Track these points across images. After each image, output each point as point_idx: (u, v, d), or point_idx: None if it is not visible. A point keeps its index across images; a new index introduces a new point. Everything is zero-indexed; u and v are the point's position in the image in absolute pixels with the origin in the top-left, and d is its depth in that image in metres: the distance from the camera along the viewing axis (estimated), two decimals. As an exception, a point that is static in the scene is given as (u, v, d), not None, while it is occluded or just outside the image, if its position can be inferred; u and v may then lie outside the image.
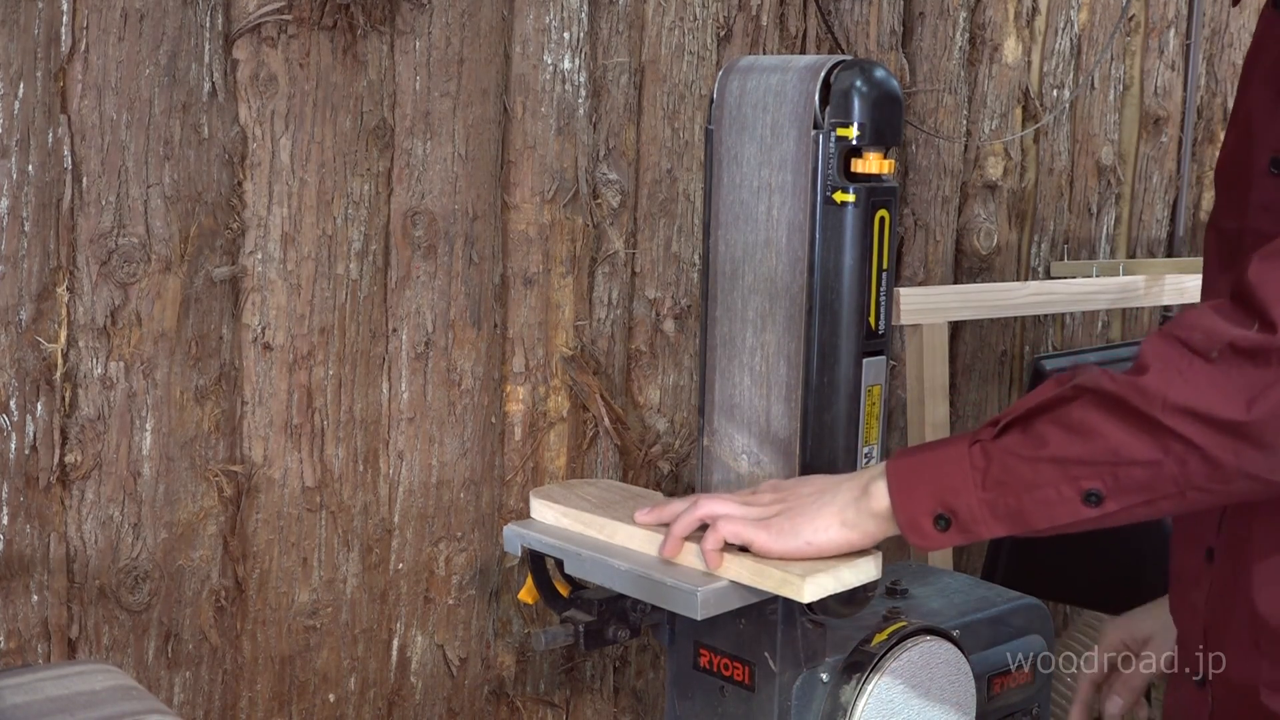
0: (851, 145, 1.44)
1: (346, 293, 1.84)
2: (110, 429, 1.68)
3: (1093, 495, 1.11)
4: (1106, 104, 2.82)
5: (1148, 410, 1.09)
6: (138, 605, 1.72)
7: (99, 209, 1.64)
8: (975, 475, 1.16)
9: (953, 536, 1.18)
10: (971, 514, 1.16)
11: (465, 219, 1.92)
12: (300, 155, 1.78)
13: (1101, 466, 1.11)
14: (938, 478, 1.18)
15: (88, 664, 1.30)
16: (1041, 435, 1.14)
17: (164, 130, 1.67)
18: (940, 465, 1.18)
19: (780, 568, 1.31)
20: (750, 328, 1.55)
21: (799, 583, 1.29)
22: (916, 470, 1.20)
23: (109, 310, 1.66)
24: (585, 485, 1.60)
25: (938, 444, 1.21)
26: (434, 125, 1.88)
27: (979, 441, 1.17)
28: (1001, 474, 1.15)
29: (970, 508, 1.16)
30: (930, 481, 1.18)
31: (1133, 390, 1.10)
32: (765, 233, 1.52)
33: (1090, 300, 2.57)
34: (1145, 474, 1.10)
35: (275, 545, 1.82)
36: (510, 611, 2.05)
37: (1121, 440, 1.10)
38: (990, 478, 1.15)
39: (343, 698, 1.91)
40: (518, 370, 2.01)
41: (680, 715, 1.55)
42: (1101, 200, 2.85)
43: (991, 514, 1.15)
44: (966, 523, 1.17)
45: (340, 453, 1.86)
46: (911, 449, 1.23)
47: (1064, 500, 1.13)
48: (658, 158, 2.11)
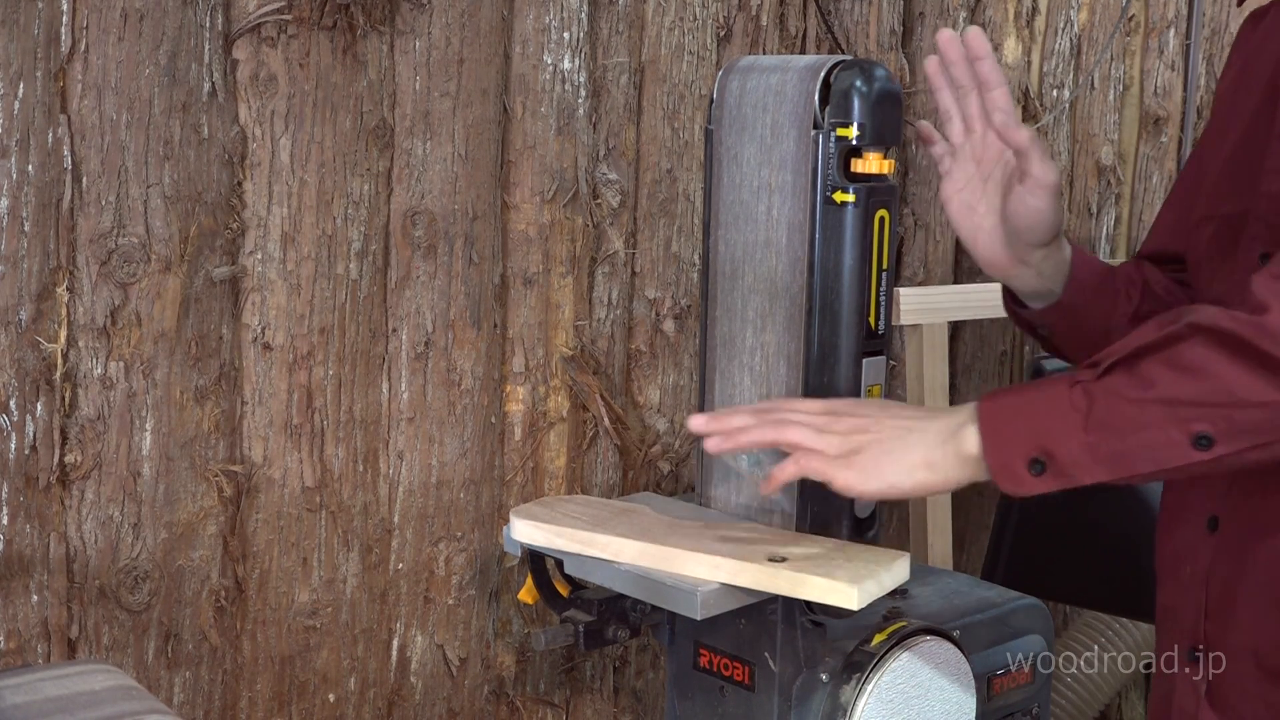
0: (851, 145, 1.44)
1: (346, 293, 1.84)
2: (110, 429, 1.68)
3: (1203, 439, 1.07)
4: (1106, 104, 2.82)
5: (1270, 350, 1.05)
6: (138, 605, 1.72)
7: (99, 209, 1.64)
8: (1076, 417, 1.10)
9: (1048, 482, 1.12)
10: (1072, 458, 1.11)
11: (465, 219, 1.92)
12: (300, 155, 1.78)
13: (1214, 408, 1.06)
14: (1034, 420, 1.12)
15: (88, 664, 1.30)
16: (1149, 376, 1.09)
17: (164, 130, 1.67)
18: (1037, 407, 1.12)
19: (825, 574, 1.29)
20: (750, 328, 1.55)
21: (850, 590, 1.28)
22: (1011, 412, 1.14)
23: (109, 310, 1.66)
24: (566, 503, 1.59)
25: (1032, 385, 1.15)
26: (434, 125, 1.88)
27: (1079, 383, 1.11)
28: (1105, 416, 1.09)
29: (1070, 451, 1.10)
30: (1026, 424, 1.12)
31: (1254, 329, 1.05)
32: (765, 233, 1.52)
33: (1090, 300, 2.57)
34: (1262, 416, 1.06)
35: (275, 545, 1.82)
36: (510, 611, 2.05)
37: (1238, 380, 1.05)
38: (1093, 420, 1.10)
39: (343, 698, 1.91)
40: (517, 370, 2.01)
41: (680, 715, 1.55)
42: (1101, 200, 2.85)
43: (1093, 458, 1.10)
44: (1065, 467, 1.11)
45: (340, 453, 1.86)
46: (1004, 390, 1.16)
47: (1172, 443, 1.08)
48: (658, 158, 2.10)
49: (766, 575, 1.32)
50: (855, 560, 1.34)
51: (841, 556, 1.36)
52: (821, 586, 1.28)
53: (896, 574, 1.34)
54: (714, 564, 1.35)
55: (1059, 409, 1.11)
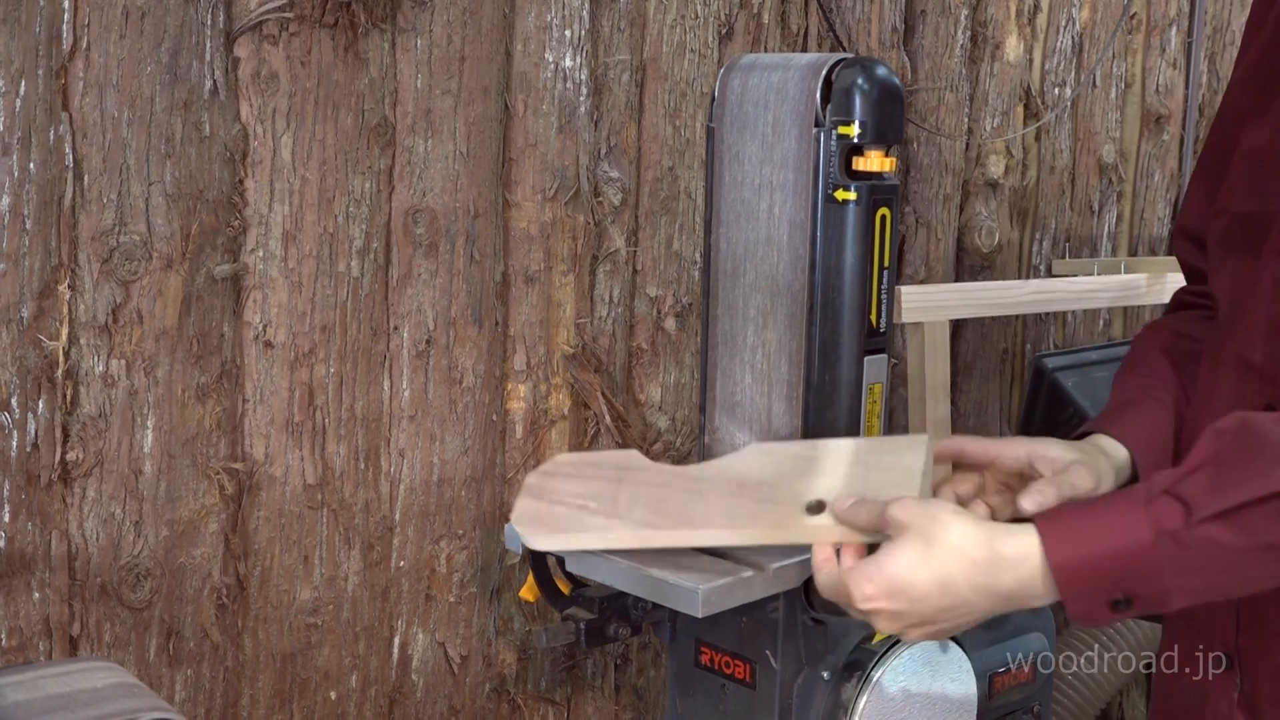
0: (853, 143, 1.44)
1: (348, 290, 1.84)
2: (111, 426, 1.68)
3: None
4: (1108, 102, 2.82)
5: None
6: (139, 603, 1.72)
7: (100, 206, 1.64)
8: (1168, 563, 1.10)
9: (1130, 613, 1.13)
10: (1160, 597, 1.11)
11: (466, 217, 1.92)
12: (301, 153, 1.78)
13: None
14: (1119, 570, 1.11)
15: (89, 661, 1.30)
16: (1252, 526, 1.08)
17: (165, 128, 1.67)
18: (1120, 559, 1.11)
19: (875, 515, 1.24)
20: (751, 325, 1.55)
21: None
22: (1091, 566, 1.12)
23: (110, 308, 1.66)
24: (558, 481, 1.47)
25: (1106, 525, 1.12)
26: (435, 123, 1.88)
27: (1167, 532, 1.09)
28: (1201, 564, 1.09)
29: (1161, 593, 1.11)
30: (1110, 575, 1.11)
31: None
32: (766, 230, 1.52)
33: (1092, 298, 2.57)
34: None
35: (276, 543, 1.83)
36: (511, 609, 2.05)
37: None
38: (1188, 566, 1.09)
39: (344, 695, 1.91)
40: (519, 368, 2.01)
41: (681, 713, 1.55)
42: (1103, 198, 2.85)
43: (1182, 594, 1.11)
44: (1152, 603, 1.12)
45: (341, 450, 1.86)
46: (1073, 531, 1.13)
47: (1271, 577, 1.10)
48: (659, 155, 2.11)
49: (810, 531, 1.25)
50: (886, 469, 1.29)
51: (869, 466, 1.30)
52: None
53: (925, 459, 1.30)
54: (748, 533, 1.29)
55: (1146, 558, 1.10)
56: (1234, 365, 1.29)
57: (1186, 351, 1.44)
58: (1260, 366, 1.26)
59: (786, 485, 1.31)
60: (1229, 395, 1.29)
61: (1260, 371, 1.26)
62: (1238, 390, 1.28)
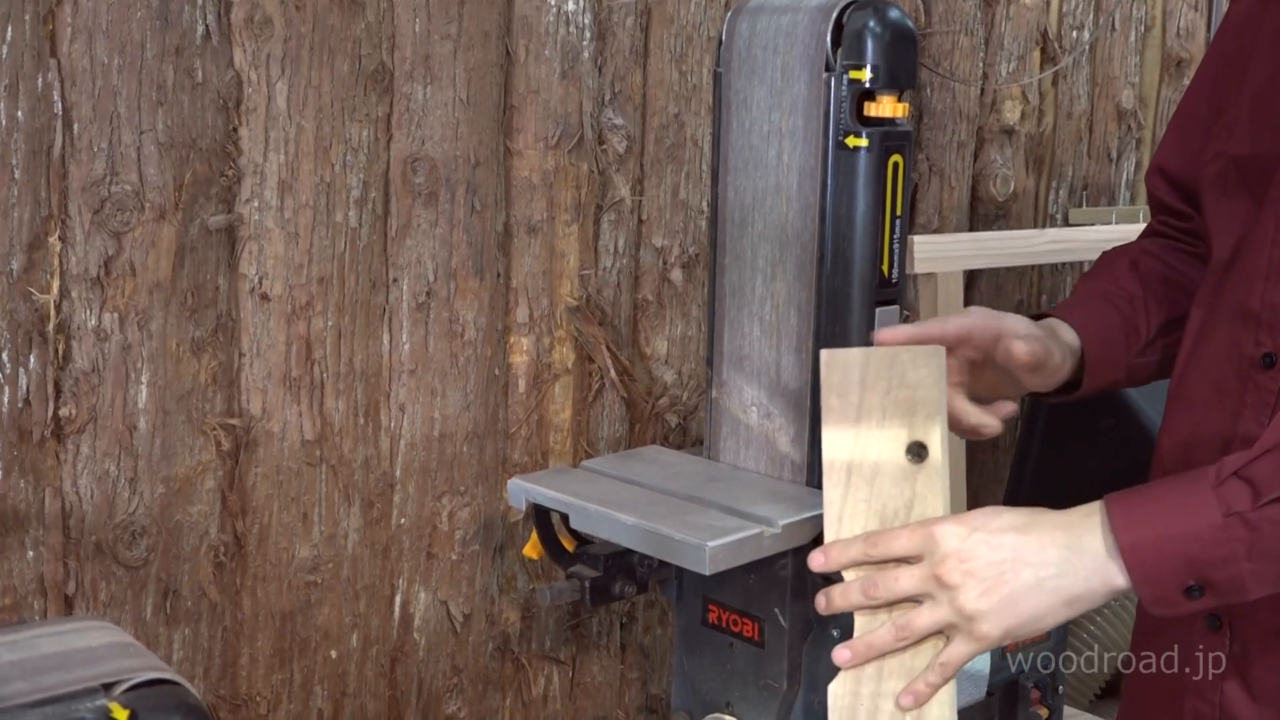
0: (864, 88, 1.43)
1: (345, 241, 1.83)
2: (105, 382, 1.68)
3: None
4: (1127, 46, 2.80)
5: None
6: (135, 561, 1.73)
7: (91, 156, 1.63)
8: (1238, 547, 1.11)
9: (1206, 603, 1.13)
10: (1235, 584, 1.12)
11: (467, 165, 1.91)
12: (297, 100, 1.77)
13: None
14: (1188, 552, 1.12)
15: (84, 620, 1.31)
16: None
17: (157, 75, 1.66)
18: (1189, 540, 1.12)
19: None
20: (760, 276, 1.54)
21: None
22: (1161, 549, 1.12)
23: (102, 260, 1.66)
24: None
25: (1173, 508, 1.14)
26: (434, 69, 1.87)
27: (1236, 513, 1.11)
28: (1273, 546, 1.10)
29: (1234, 579, 1.11)
30: (1180, 558, 1.12)
31: None
32: (775, 179, 1.51)
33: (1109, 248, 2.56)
34: None
35: (275, 500, 1.83)
36: (515, 567, 2.06)
37: None
38: (1257, 550, 1.10)
39: (344, 654, 1.92)
40: (521, 321, 2.01)
41: (688, 672, 1.55)
42: (1122, 145, 2.84)
43: (1257, 581, 1.12)
44: (1227, 591, 1.12)
45: (340, 405, 1.86)
46: (1139, 513, 1.14)
47: None
48: (665, 102, 2.09)
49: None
50: (910, 386, 1.27)
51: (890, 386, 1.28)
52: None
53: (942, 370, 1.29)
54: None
55: (1216, 540, 1.11)
56: (1231, 312, 1.29)
57: (1152, 270, 1.47)
58: (1258, 313, 1.26)
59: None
60: (1225, 342, 1.29)
61: (1258, 318, 1.26)
62: (1234, 337, 1.28)
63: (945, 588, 1.15)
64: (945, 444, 1.24)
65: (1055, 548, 1.15)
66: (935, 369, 1.25)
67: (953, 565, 1.15)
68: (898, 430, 1.25)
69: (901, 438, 1.24)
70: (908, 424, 1.25)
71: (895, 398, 1.25)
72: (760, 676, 1.48)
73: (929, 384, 1.25)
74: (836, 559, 1.21)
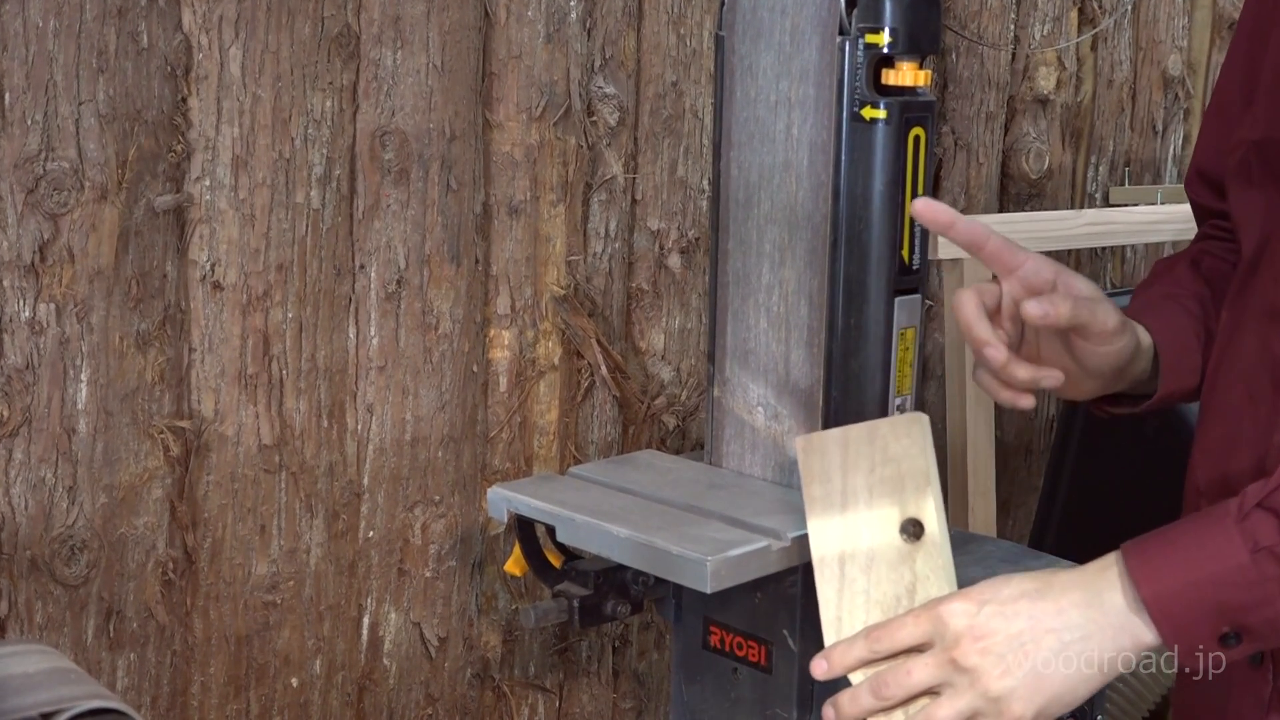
0: (882, 54, 1.44)
1: (307, 224, 1.84)
2: (40, 380, 1.69)
3: None
4: (1174, 6, 2.81)
5: None
6: (74, 579, 1.73)
7: (24, 129, 1.64)
8: (1271, 586, 1.10)
9: (1243, 650, 1.13)
10: (1275, 627, 1.12)
11: (442, 139, 1.92)
12: (253, 67, 1.77)
13: None
14: (1220, 599, 1.11)
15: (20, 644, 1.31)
16: None
17: (97, 39, 1.67)
18: (1218, 585, 1.11)
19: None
20: (767, 262, 1.55)
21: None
22: (1186, 597, 1.12)
23: (37, 245, 1.66)
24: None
25: (1193, 550, 1.13)
26: (405, 32, 1.88)
27: (1265, 548, 1.10)
28: None
29: (1272, 621, 1.11)
30: (1210, 605, 1.12)
31: None
32: (784, 154, 1.52)
33: (1154, 231, 2.57)
34: None
35: (229, 511, 1.84)
36: (496, 585, 2.06)
37: None
38: None
39: (307, 682, 1.93)
40: (502, 312, 2.01)
41: (687, 701, 1.56)
42: (1168, 117, 2.85)
43: None
44: (1266, 636, 1.13)
45: (301, 406, 1.87)
46: (1159, 559, 1.14)
47: None
48: (661, 69, 2.10)
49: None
50: (895, 460, 1.30)
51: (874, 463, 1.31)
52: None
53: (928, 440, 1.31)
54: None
55: (1246, 581, 1.11)
56: (1258, 313, 1.29)
57: (1214, 268, 1.45)
58: None
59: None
60: (1253, 346, 1.29)
61: None
62: (1262, 340, 1.27)
63: (963, 672, 1.14)
64: (941, 515, 1.25)
65: (1075, 609, 1.15)
66: (919, 437, 1.27)
67: (967, 646, 1.14)
68: (888, 509, 1.26)
69: (893, 517, 1.26)
70: (898, 501, 1.26)
71: (880, 475, 1.27)
72: (767, 706, 1.49)
73: (915, 454, 1.27)
74: (840, 662, 1.19)
